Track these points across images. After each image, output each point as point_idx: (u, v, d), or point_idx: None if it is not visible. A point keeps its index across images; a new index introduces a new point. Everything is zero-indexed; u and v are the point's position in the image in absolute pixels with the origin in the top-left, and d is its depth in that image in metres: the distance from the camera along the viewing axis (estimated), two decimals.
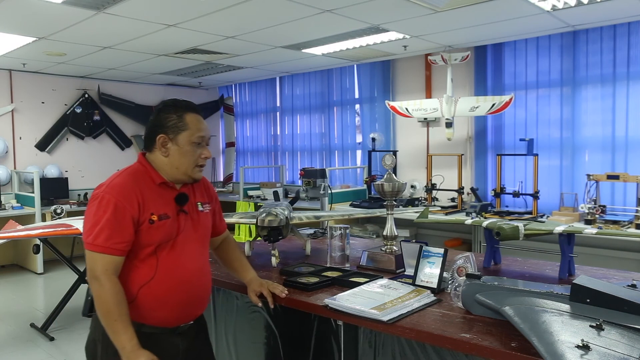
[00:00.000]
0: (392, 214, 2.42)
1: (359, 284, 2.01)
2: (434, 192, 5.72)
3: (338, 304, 1.78)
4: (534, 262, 2.48)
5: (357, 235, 5.44)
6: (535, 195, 4.87)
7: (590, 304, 1.48)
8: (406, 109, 5.71)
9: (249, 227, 6.44)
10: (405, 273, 2.24)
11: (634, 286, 1.63)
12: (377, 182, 2.41)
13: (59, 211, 6.24)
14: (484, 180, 5.70)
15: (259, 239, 2.57)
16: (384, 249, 2.40)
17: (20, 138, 7.02)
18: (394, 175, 2.41)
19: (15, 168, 6.95)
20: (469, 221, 2.59)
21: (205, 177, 1.99)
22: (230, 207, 6.71)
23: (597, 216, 4.34)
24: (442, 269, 1.96)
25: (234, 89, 8.85)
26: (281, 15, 4.33)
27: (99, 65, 6.54)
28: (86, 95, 7.54)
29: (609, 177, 4.44)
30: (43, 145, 7.22)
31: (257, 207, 6.36)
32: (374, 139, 6.30)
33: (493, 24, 4.61)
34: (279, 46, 5.53)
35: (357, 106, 7.01)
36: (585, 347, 1.26)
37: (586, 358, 1.23)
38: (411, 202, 5.70)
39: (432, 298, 1.85)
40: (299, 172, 6.86)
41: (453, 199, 5.69)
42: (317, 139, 7.54)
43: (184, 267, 1.76)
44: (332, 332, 1.95)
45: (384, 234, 2.42)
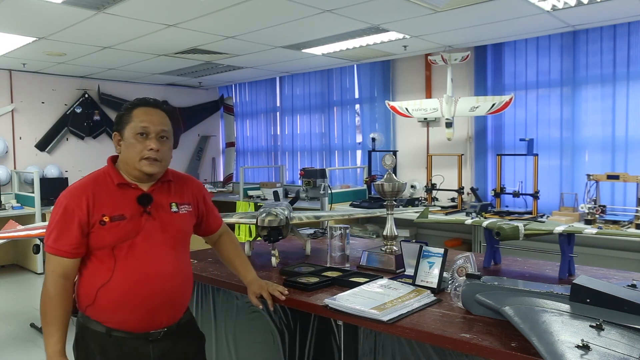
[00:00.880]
0: (392, 214, 2.42)
1: (359, 284, 2.01)
2: (434, 192, 5.72)
3: (338, 304, 1.78)
4: (534, 262, 2.48)
5: (357, 235, 5.43)
6: (535, 195, 4.86)
7: (590, 304, 1.48)
8: (406, 109, 5.71)
9: (249, 227, 6.44)
10: (405, 273, 2.24)
11: (634, 286, 1.63)
12: (377, 182, 2.41)
13: None
14: (484, 180, 5.70)
15: (259, 239, 2.57)
16: (384, 249, 2.40)
17: (20, 138, 7.02)
18: (394, 175, 2.41)
19: (15, 168, 6.95)
20: (469, 221, 2.59)
21: (194, 177, 1.97)
22: (230, 207, 6.71)
23: (597, 216, 4.34)
24: (442, 269, 1.96)
25: (234, 89, 8.85)
26: (281, 15, 4.33)
27: (99, 65, 6.54)
28: (86, 95, 7.54)
29: (609, 177, 4.44)
30: (43, 145, 7.22)
31: (257, 207, 6.35)
32: (374, 139, 6.30)
33: (493, 24, 4.61)
34: (279, 46, 5.52)
35: (357, 106, 7.00)
36: (585, 347, 1.26)
37: (586, 358, 1.23)
38: (411, 202, 5.70)
39: (432, 298, 1.85)
40: (299, 172, 6.85)
41: (453, 199, 5.68)
42: (317, 139, 7.54)
43: (144, 270, 1.70)
44: (332, 332, 1.95)
45: (384, 234, 2.42)
